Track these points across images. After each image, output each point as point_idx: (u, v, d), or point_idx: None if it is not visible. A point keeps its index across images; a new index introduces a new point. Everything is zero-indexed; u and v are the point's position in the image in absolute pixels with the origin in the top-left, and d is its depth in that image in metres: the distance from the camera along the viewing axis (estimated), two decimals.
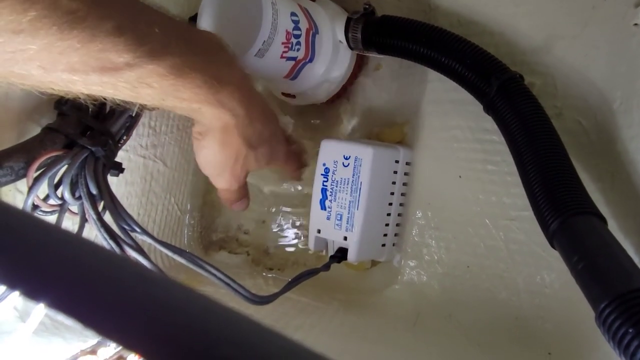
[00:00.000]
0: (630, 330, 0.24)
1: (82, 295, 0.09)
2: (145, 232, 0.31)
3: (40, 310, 0.30)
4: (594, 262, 0.28)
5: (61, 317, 0.30)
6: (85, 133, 0.33)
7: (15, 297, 0.28)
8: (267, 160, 0.44)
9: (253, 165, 0.43)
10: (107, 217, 0.31)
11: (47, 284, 0.10)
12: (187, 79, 0.31)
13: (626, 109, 0.37)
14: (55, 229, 0.11)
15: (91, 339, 0.31)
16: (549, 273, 0.42)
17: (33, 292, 0.09)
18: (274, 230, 0.59)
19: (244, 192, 0.47)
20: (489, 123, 0.42)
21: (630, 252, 0.30)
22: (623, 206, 0.36)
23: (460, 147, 0.47)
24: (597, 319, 0.26)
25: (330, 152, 0.47)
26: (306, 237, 0.57)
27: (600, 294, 0.27)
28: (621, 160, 0.37)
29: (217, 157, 0.40)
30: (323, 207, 0.47)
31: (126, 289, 0.09)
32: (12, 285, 0.10)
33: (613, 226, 0.34)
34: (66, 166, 0.30)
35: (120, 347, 0.30)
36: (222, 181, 0.43)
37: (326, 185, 0.47)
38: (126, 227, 0.30)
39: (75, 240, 0.11)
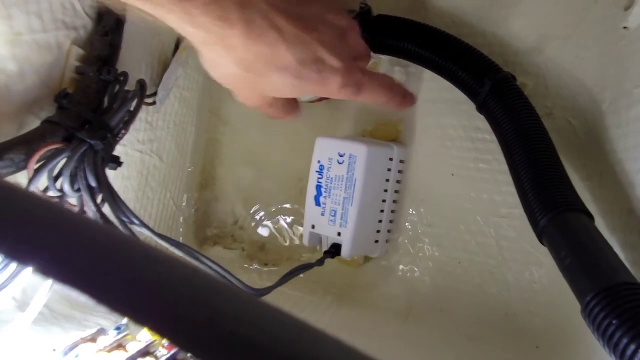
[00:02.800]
0: (614, 322, 0.25)
1: (95, 272, 0.10)
2: (143, 224, 0.31)
3: (39, 300, 0.30)
4: (581, 257, 0.29)
5: (60, 307, 0.31)
6: (84, 126, 0.33)
7: (23, 279, 0.29)
8: (299, 90, 0.33)
9: (273, 92, 0.34)
10: (106, 209, 0.32)
11: (61, 261, 0.10)
12: None
13: (615, 109, 0.38)
14: (68, 211, 0.11)
15: (90, 328, 0.31)
16: (538, 269, 0.43)
17: (47, 268, 0.10)
18: (269, 225, 0.60)
19: (277, 110, 0.37)
20: (482, 122, 0.43)
21: (616, 248, 0.31)
22: (610, 204, 0.37)
23: (453, 145, 0.48)
24: (582, 312, 0.27)
25: (325, 149, 0.47)
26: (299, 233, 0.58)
27: (586, 287, 0.27)
28: (609, 160, 0.37)
29: (213, 75, 0.33)
30: (317, 203, 0.48)
31: (135, 266, 0.10)
32: (26, 261, 0.10)
33: (600, 223, 0.35)
34: (65, 159, 0.31)
35: (119, 336, 0.31)
36: (239, 97, 0.35)
37: (320, 182, 0.48)
38: (124, 219, 0.30)
39: (88, 221, 0.11)
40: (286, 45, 0.30)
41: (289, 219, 0.59)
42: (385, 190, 0.49)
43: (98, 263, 0.10)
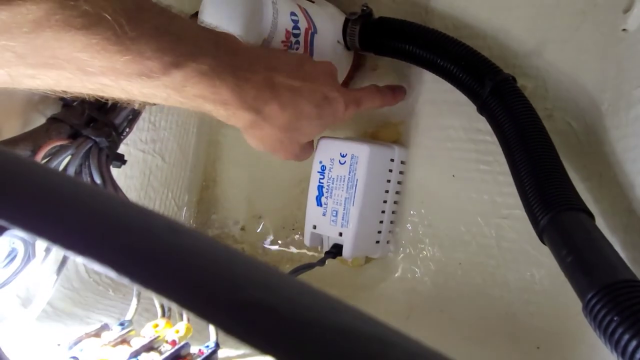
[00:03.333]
0: (615, 318, 0.25)
1: (116, 244, 0.10)
2: None
3: (42, 297, 0.30)
4: (581, 255, 0.30)
5: (63, 304, 0.31)
6: (89, 124, 0.33)
7: (27, 276, 0.29)
8: (323, 126, 0.42)
9: (306, 138, 0.42)
10: None
11: (82, 235, 0.10)
12: (217, 82, 0.32)
13: (614, 111, 0.38)
14: (89, 185, 0.11)
15: (93, 323, 0.31)
16: (539, 270, 0.43)
17: (68, 242, 0.10)
18: (271, 227, 0.60)
19: (306, 152, 0.45)
20: (482, 124, 0.43)
21: (617, 248, 0.31)
22: (610, 204, 0.37)
23: (454, 146, 0.48)
24: (584, 309, 0.28)
25: (327, 149, 0.48)
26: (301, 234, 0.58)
27: (587, 285, 0.28)
28: (609, 161, 0.38)
29: (260, 147, 0.41)
30: (319, 204, 0.48)
31: (157, 238, 0.10)
32: (53, 239, 0.10)
33: (601, 224, 0.35)
34: (70, 156, 0.31)
35: (123, 332, 0.31)
36: (281, 156, 0.43)
37: (322, 182, 0.48)
38: None
39: (109, 194, 0.11)
40: (304, 99, 0.39)
41: (290, 220, 0.59)
42: (387, 191, 0.49)
43: (120, 233, 0.10)
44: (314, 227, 0.49)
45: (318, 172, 0.48)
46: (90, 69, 0.26)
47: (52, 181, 0.11)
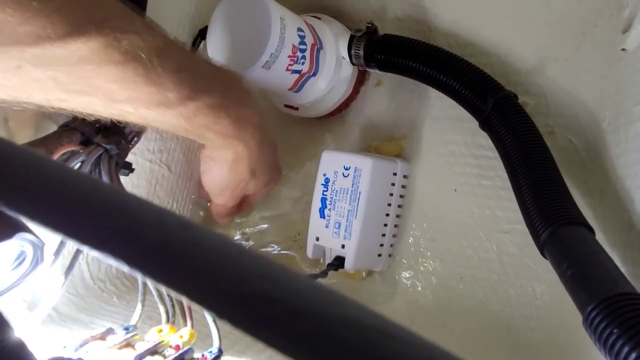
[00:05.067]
0: (615, 331, 0.25)
1: (128, 238, 0.10)
2: None
3: (48, 301, 0.31)
4: (582, 268, 0.30)
5: (68, 309, 0.31)
6: (100, 132, 0.34)
7: (34, 280, 0.29)
8: (263, 186, 0.50)
9: (251, 190, 0.49)
10: None
11: (95, 229, 0.11)
12: (223, 115, 0.36)
13: (614, 127, 0.39)
14: (104, 182, 0.12)
15: (97, 329, 0.31)
16: (540, 285, 0.43)
17: (82, 236, 0.11)
18: (273, 239, 0.60)
19: (235, 210, 0.52)
20: (484, 139, 0.44)
21: (618, 263, 0.31)
22: (611, 220, 0.37)
23: (457, 161, 0.49)
24: (584, 322, 0.28)
25: (330, 162, 0.48)
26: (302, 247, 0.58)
27: (587, 298, 0.28)
28: (609, 177, 0.38)
29: (223, 180, 0.45)
30: (322, 216, 0.49)
31: (167, 232, 0.11)
32: (69, 233, 0.11)
33: (601, 239, 0.35)
34: (81, 162, 0.32)
35: (128, 336, 0.31)
36: (221, 199, 0.49)
37: (326, 195, 0.48)
38: None
39: (123, 191, 0.12)
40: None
41: (292, 234, 0.59)
42: (389, 204, 0.49)
43: (132, 228, 0.10)
44: (317, 238, 0.49)
45: (322, 184, 0.49)
46: (117, 97, 0.29)
47: (69, 178, 0.11)
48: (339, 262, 0.48)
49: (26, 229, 0.27)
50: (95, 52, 0.26)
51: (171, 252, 0.10)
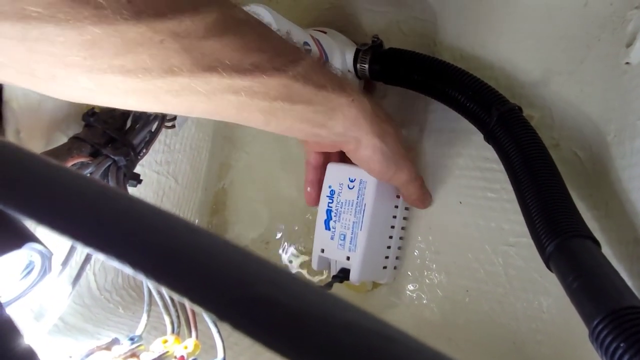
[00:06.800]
0: (622, 345, 0.25)
1: (138, 245, 0.11)
2: None
3: (54, 311, 0.31)
4: (588, 281, 0.30)
5: (74, 320, 0.31)
6: (109, 144, 0.35)
7: (41, 290, 0.30)
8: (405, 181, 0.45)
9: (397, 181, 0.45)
10: None
11: (104, 233, 0.11)
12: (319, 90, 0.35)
13: (619, 140, 0.39)
14: (114, 188, 0.12)
15: (103, 339, 0.32)
16: (546, 298, 0.43)
17: (90, 240, 0.11)
18: (278, 251, 0.60)
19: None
20: (489, 152, 0.44)
21: (624, 276, 0.31)
22: (617, 233, 0.37)
23: (462, 174, 0.49)
24: (590, 335, 0.28)
25: (336, 174, 0.49)
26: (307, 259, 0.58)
27: (593, 311, 0.28)
28: (615, 189, 0.38)
29: (377, 157, 0.42)
30: (327, 227, 0.49)
31: (174, 238, 0.11)
32: (76, 237, 0.11)
33: (607, 252, 0.35)
34: (90, 173, 0.32)
35: (133, 346, 0.31)
36: (404, 172, 0.45)
37: (331, 207, 0.48)
38: None
39: (132, 197, 0.12)
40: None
41: (298, 245, 0.59)
42: (394, 217, 0.50)
43: (139, 232, 0.11)
44: (322, 250, 0.49)
45: (327, 196, 0.49)
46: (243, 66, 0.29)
47: (79, 183, 0.12)
48: (344, 274, 0.48)
49: (35, 239, 0.27)
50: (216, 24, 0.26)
51: (175, 256, 0.10)
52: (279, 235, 0.61)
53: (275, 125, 0.34)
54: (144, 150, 0.37)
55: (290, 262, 0.59)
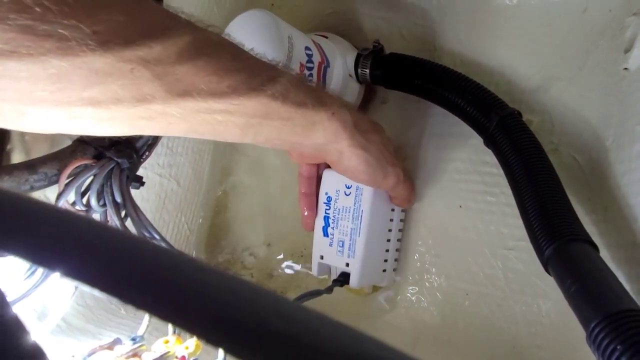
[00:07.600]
0: (619, 347, 0.25)
1: (147, 285, 0.11)
2: (164, 240, 0.32)
3: (57, 312, 0.31)
4: (585, 285, 0.30)
5: (76, 320, 0.32)
6: (113, 146, 0.35)
7: (45, 291, 0.30)
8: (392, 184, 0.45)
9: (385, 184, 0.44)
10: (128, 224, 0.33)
11: (117, 280, 0.11)
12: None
13: (618, 146, 0.39)
14: (119, 230, 0.12)
15: (106, 338, 0.32)
16: (546, 302, 0.43)
17: (105, 286, 0.11)
18: (279, 254, 0.61)
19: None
20: (489, 156, 0.44)
21: (622, 280, 0.31)
22: (615, 237, 0.37)
23: (461, 178, 0.49)
24: (588, 338, 0.28)
25: (332, 181, 0.48)
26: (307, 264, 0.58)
27: (591, 314, 0.28)
28: (613, 194, 0.39)
29: (362, 167, 0.41)
30: (325, 234, 0.49)
31: (185, 277, 0.11)
32: (93, 283, 0.11)
33: (606, 257, 0.35)
34: (93, 176, 0.33)
35: (135, 346, 0.32)
36: (391, 177, 0.44)
37: (328, 213, 0.48)
38: (147, 234, 0.32)
39: (140, 238, 0.12)
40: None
41: (299, 249, 0.60)
42: (391, 220, 0.50)
43: (150, 276, 0.11)
44: (321, 257, 0.49)
45: (324, 202, 0.49)
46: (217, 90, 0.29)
47: (89, 228, 0.12)
48: (344, 279, 0.48)
49: None
50: (194, 44, 0.26)
51: (189, 297, 0.10)
52: (280, 238, 0.61)
53: (253, 137, 0.34)
54: (147, 153, 0.38)
55: (292, 263, 0.60)
